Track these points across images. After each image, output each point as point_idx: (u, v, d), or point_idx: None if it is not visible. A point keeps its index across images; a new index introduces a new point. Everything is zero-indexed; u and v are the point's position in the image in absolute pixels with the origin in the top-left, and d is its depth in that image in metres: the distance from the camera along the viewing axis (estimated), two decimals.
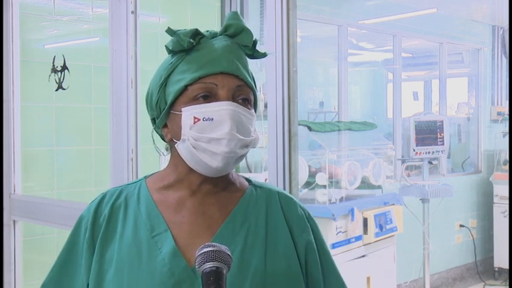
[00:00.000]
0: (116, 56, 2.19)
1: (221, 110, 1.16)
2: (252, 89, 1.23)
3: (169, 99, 1.20)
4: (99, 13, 3.49)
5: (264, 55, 1.28)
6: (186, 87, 1.18)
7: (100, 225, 1.24)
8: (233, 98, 1.18)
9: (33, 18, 3.38)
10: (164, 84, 1.22)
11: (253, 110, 1.23)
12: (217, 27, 1.29)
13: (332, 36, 5.38)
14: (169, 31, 1.22)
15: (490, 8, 6.42)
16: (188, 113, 1.17)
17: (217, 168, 1.17)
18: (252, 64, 1.28)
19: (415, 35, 6.19)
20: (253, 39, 1.24)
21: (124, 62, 2.17)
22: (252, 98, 1.23)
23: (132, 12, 2.17)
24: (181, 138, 1.18)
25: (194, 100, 1.18)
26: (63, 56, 2.92)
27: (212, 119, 1.15)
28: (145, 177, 1.30)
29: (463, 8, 6.25)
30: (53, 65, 2.91)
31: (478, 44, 6.80)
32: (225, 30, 1.24)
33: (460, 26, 6.64)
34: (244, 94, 1.20)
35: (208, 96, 1.17)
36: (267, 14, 2.18)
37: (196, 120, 1.16)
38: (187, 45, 1.20)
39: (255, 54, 1.26)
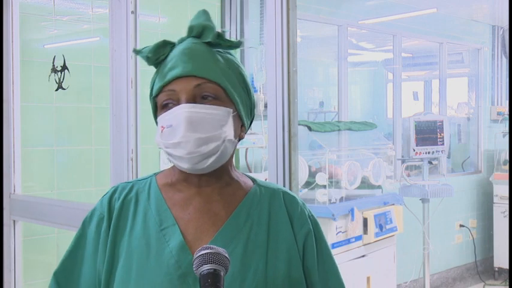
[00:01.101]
0: (116, 56, 2.19)
1: (176, 114, 1.19)
2: (218, 83, 1.22)
3: (152, 110, 1.28)
4: (99, 13, 3.49)
5: (238, 43, 1.29)
6: (155, 98, 1.25)
7: (112, 217, 1.28)
8: (195, 98, 1.20)
9: (33, 18, 3.38)
10: (151, 94, 1.28)
11: (222, 106, 1.21)
12: (217, 27, 1.29)
13: (332, 36, 5.38)
14: (135, 51, 1.29)
15: (490, 8, 6.42)
16: (158, 123, 1.23)
17: (189, 169, 1.22)
18: (252, 64, 1.28)
19: (415, 35, 6.18)
20: (215, 32, 1.25)
21: (124, 62, 2.17)
22: (222, 92, 1.22)
23: (132, 12, 2.17)
24: (158, 146, 1.25)
25: (162, 109, 1.23)
26: (63, 56, 2.92)
27: (171, 125, 1.20)
28: (156, 174, 1.35)
29: (463, 8, 6.25)
30: (53, 65, 2.91)
31: (478, 44, 6.80)
32: (190, 33, 1.28)
33: (460, 26, 6.64)
34: (206, 91, 1.21)
35: (172, 103, 1.22)
36: (267, 14, 2.17)
37: (162, 128, 1.22)
38: (149, 62, 1.26)
39: (228, 44, 1.26)
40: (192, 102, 1.19)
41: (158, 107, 1.24)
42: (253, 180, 1.34)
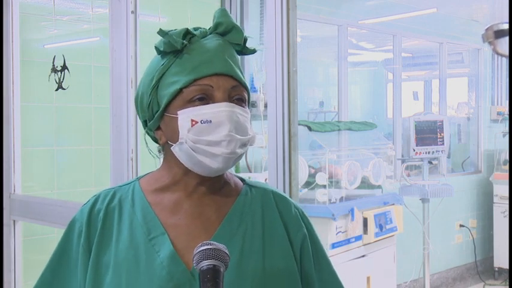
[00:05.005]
0: (116, 56, 2.19)
1: (219, 111, 1.16)
2: (245, 87, 1.23)
3: (163, 102, 1.19)
4: (99, 13, 3.49)
5: (253, 51, 1.28)
6: (181, 90, 1.18)
7: (95, 228, 1.22)
8: (229, 98, 1.18)
9: (33, 18, 3.38)
10: (156, 86, 1.20)
11: (247, 108, 1.23)
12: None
13: (332, 36, 5.38)
14: (161, 32, 1.20)
15: (490, 8, 6.42)
16: (185, 116, 1.17)
17: (218, 169, 1.18)
18: (252, 64, 1.28)
19: (415, 35, 6.18)
20: (244, 36, 1.24)
21: (124, 62, 2.17)
22: (246, 96, 1.24)
23: (132, 12, 2.17)
24: (179, 141, 1.17)
25: (190, 102, 1.17)
26: (63, 56, 2.92)
27: (210, 121, 1.15)
28: (138, 178, 1.29)
29: (463, 8, 6.26)
30: (53, 65, 2.91)
31: (478, 44, 6.80)
32: (215, 29, 1.23)
33: (460, 26, 6.64)
34: (239, 94, 1.20)
35: (204, 98, 1.17)
36: (267, 14, 2.18)
37: (194, 122, 1.16)
38: (180, 46, 1.19)
39: (245, 51, 1.26)
40: (228, 102, 1.18)
41: (182, 100, 1.17)
42: (242, 180, 1.31)
